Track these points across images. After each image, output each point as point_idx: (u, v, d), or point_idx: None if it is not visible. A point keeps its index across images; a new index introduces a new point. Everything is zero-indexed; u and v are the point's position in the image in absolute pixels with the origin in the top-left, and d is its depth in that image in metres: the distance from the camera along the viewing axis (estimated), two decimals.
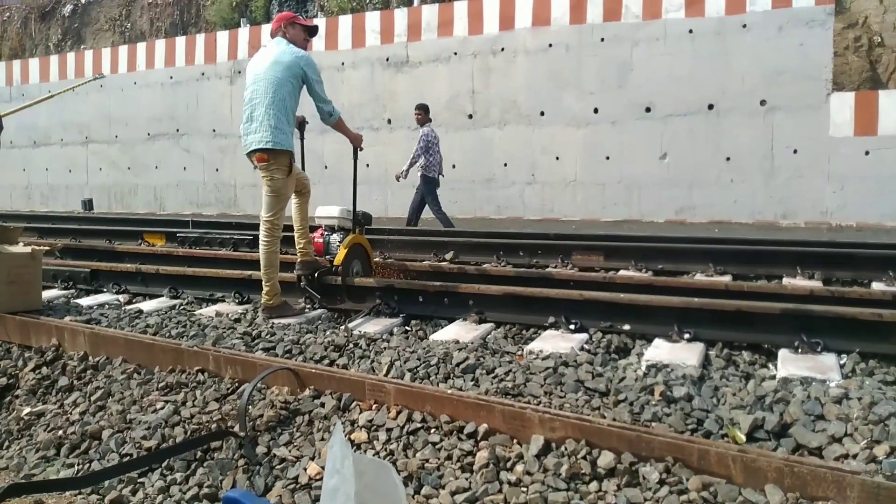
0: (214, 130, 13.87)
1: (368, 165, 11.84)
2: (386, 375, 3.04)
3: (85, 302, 4.99)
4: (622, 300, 3.95)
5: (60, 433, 2.95)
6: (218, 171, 13.94)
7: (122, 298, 5.32)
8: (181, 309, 4.81)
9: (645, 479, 2.10)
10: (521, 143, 11.08)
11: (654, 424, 2.46)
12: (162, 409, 2.93)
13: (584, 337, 3.79)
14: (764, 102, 9.58)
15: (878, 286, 4.86)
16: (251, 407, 2.79)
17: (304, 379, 2.91)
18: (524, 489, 2.14)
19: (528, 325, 4.15)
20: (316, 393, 2.85)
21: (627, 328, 3.87)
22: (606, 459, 2.18)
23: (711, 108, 9.86)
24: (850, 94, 9.42)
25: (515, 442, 2.36)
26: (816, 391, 2.73)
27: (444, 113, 11.58)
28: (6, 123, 8.06)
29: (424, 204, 9.05)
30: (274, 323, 4.15)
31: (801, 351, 3.37)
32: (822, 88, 9.34)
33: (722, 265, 5.49)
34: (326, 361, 3.29)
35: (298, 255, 4.77)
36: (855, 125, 9.21)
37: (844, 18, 9.98)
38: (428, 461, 2.34)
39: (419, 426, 2.51)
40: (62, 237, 8.46)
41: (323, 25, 12.46)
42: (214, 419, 2.78)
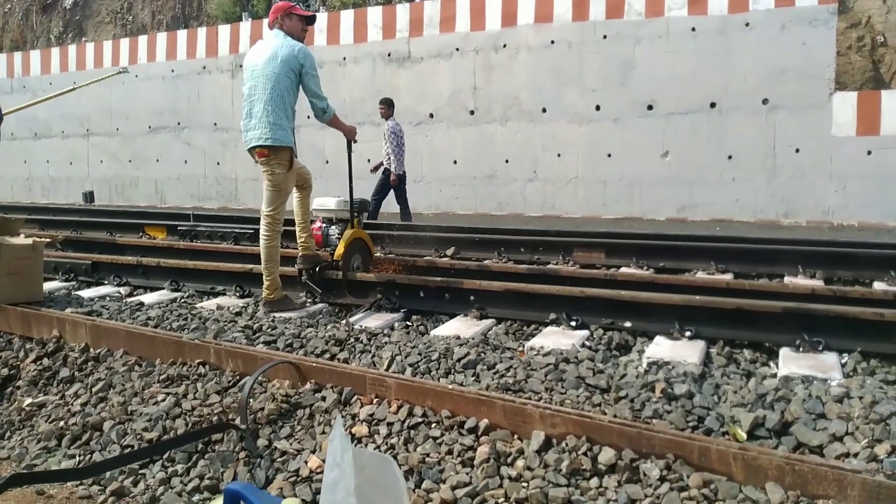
0: (215, 124, 13.85)
1: (369, 160, 11.83)
2: (387, 370, 3.05)
3: (86, 294, 4.99)
4: (623, 297, 3.96)
5: (62, 424, 2.96)
6: (219, 164, 13.94)
7: (123, 291, 5.32)
8: (182, 302, 4.81)
9: (646, 475, 2.10)
10: (522, 139, 11.07)
11: (654, 421, 2.47)
12: (163, 401, 2.93)
13: (585, 334, 3.79)
14: (766, 101, 9.57)
15: (879, 286, 4.86)
16: (252, 400, 2.79)
17: (305, 372, 2.92)
18: (525, 484, 2.15)
19: (529, 321, 4.15)
20: (317, 387, 2.85)
21: (629, 325, 3.87)
22: (607, 456, 2.18)
23: (714, 106, 9.85)
24: (852, 93, 9.41)
25: (516, 437, 2.37)
26: (818, 390, 2.73)
27: (445, 109, 11.57)
28: (7, 117, 8.04)
29: (385, 195, 9.25)
30: (275, 317, 4.15)
31: (802, 350, 3.37)
32: (824, 88, 9.33)
33: (723, 263, 5.49)
34: (327, 355, 3.30)
35: (300, 249, 4.77)
36: (857, 125, 9.20)
37: (847, 18, 9.96)
38: (429, 455, 2.34)
39: (420, 421, 2.52)
40: (63, 229, 8.45)
41: (325, 20, 12.43)
42: (215, 412, 2.78)
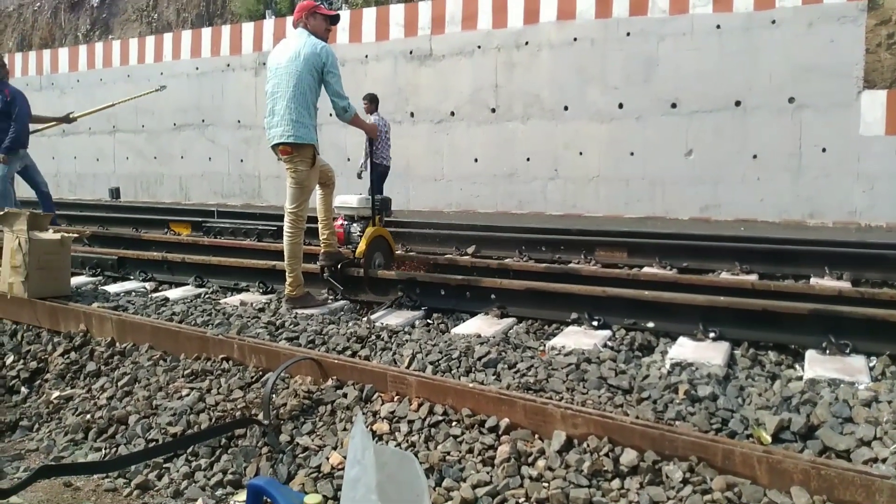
0: (239, 121, 13.97)
1: (390, 158, 11.87)
2: (408, 367, 3.05)
3: (112, 289, 5.06)
4: (646, 297, 3.93)
5: (88, 417, 3.00)
6: (242, 161, 14.06)
7: (148, 286, 5.39)
8: (206, 297, 4.86)
9: (668, 477, 2.09)
10: (543, 137, 11.02)
11: (677, 423, 2.45)
12: (187, 395, 2.97)
13: (607, 334, 3.77)
14: (792, 100, 9.43)
15: None
16: (275, 395, 2.81)
17: (326, 369, 2.93)
18: (545, 484, 2.14)
19: (550, 320, 4.14)
20: (338, 383, 2.86)
21: (651, 326, 3.84)
22: (629, 457, 2.16)
23: (738, 104, 9.73)
24: (881, 92, 9.23)
25: (537, 437, 2.36)
26: (844, 393, 2.69)
27: (466, 107, 11.55)
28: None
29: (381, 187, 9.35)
30: (297, 313, 4.18)
31: (828, 352, 3.33)
32: (852, 86, 9.17)
33: (748, 264, 5.43)
34: (349, 352, 3.31)
35: (322, 246, 4.80)
36: (886, 124, 9.03)
37: (877, 14, 9.78)
38: (449, 454, 2.35)
39: (441, 419, 2.52)
40: (90, 225, 8.59)
41: (347, 18, 12.48)
42: (239, 407, 2.81)
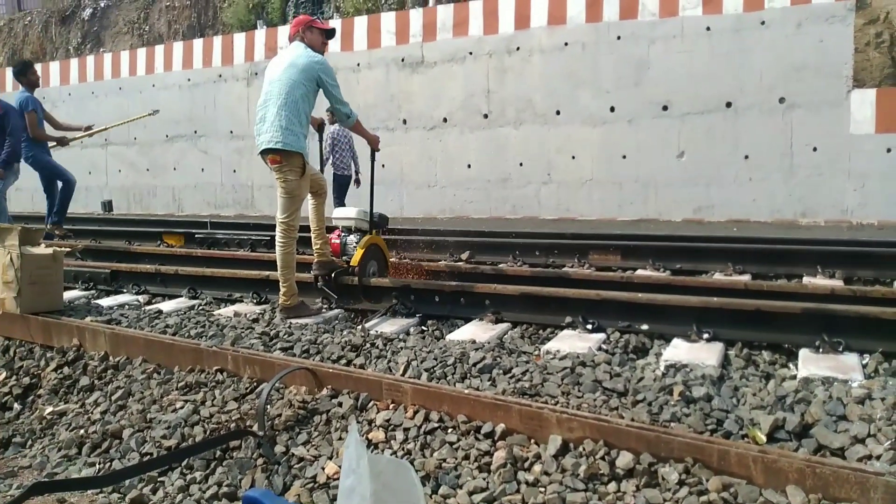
0: (232, 132, 13.97)
1: (384, 166, 11.86)
2: (403, 375, 3.05)
3: (105, 302, 5.04)
4: (640, 300, 3.93)
5: (82, 432, 2.99)
6: (235, 172, 14.04)
7: (141, 299, 5.37)
8: (200, 309, 4.85)
9: (664, 479, 2.08)
10: (536, 142, 11.04)
11: (673, 425, 2.44)
12: (181, 408, 2.95)
13: (601, 337, 3.77)
14: (783, 100, 9.48)
15: None
16: (269, 406, 2.80)
17: (321, 379, 2.93)
18: (542, 489, 2.14)
19: (544, 324, 4.14)
20: (333, 392, 2.86)
21: (645, 328, 3.85)
22: (625, 460, 2.16)
23: (729, 105, 9.77)
24: (871, 90, 9.28)
25: (533, 442, 2.36)
26: (838, 391, 2.69)
27: (459, 113, 11.57)
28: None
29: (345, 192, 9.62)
30: (291, 323, 4.17)
31: (822, 351, 3.33)
32: (842, 85, 9.22)
33: (741, 264, 5.45)
34: (344, 361, 3.31)
35: (315, 255, 4.80)
36: (876, 122, 9.07)
37: (865, 14, 9.84)
38: (445, 461, 2.34)
39: (436, 426, 2.52)
40: (82, 238, 8.56)
41: (338, 26, 12.49)
42: (233, 418, 2.80)
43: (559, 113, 10.86)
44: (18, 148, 7.53)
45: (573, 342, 3.64)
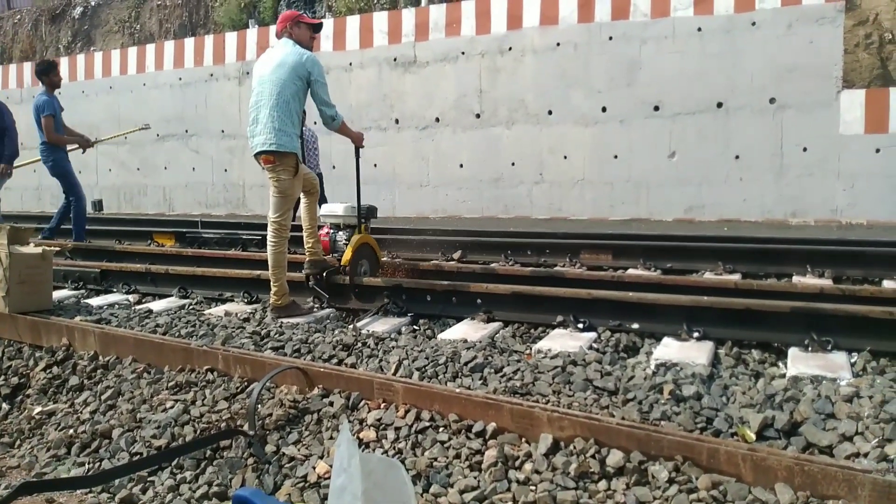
0: (223, 131, 13.91)
1: (376, 165, 11.86)
2: (394, 374, 3.05)
3: (95, 302, 5.02)
4: (631, 299, 3.94)
5: (71, 432, 2.97)
6: (227, 171, 13.99)
7: (131, 298, 5.34)
8: (190, 309, 4.83)
9: (654, 477, 2.09)
10: (528, 142, 11.05)
11: (663, 423, 2.46)
12: (172, 408, 2.94)
13: (592, 336, 3.78)
14: (773, 100, 9.52)
15: (889, 284, 4.82)
16: (260, 406, 2.80)
17: (312, 378, 2.92)
18: (533, 488, 2.14)
19: (536, 324, 4.14)
20: (325, 392, 2.85)
21: (636, 327, 3.86)
22: (615, 458, 2.17)
23: (720, 106, 9.81)
24: (860, 91, 9.34)
25: (524, 441, 2.36)
26: (827, 390, 2.71)
27: (451, 112, 11.57)
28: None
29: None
30: (283, 322, 4.16)
31: (811, 349, 3.35)
32: (832, 86, 9.28)
33: (731, 264, 5.47)
34: (335, 360, 3.30)
35: (307, 254, 4.78)
36: (865, 123, 9.13)
37: (855, 15, 9.91)
38: (436, 460, 2.34)
39: (428, 425, 2.52)
40: (72, 237, 8.49)
41: (331, 26, 12.47)
42: (224, 418, 2.79)
43: (551, 113, 10.88)
44: (15, 148, 7.46)
45: (564, 341, 3.64)
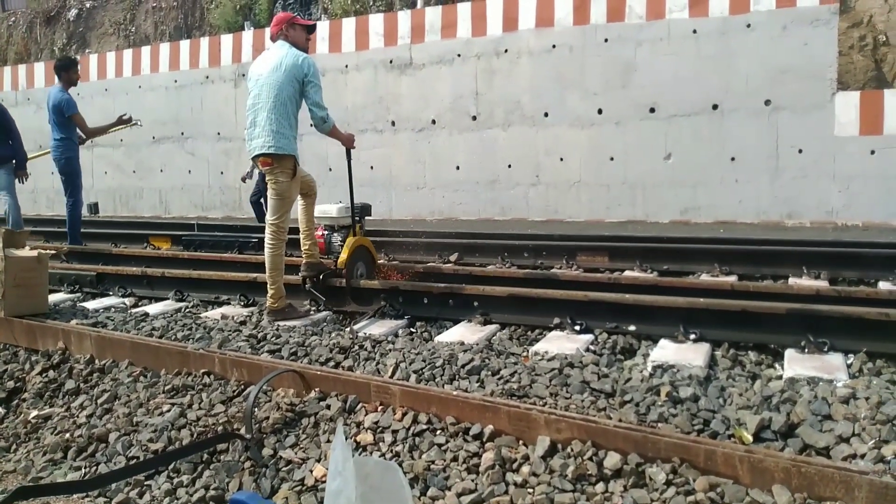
0: (219, 133, 13.89)
1: (372, 168, 11.86)
2: (391, 377, 3.04)
3: (91, 305, 5.00)
4: (627, 301, 3.95)
5: (67, 436, 2.96)
6: (223, 174, 13.96)
7: (128, 301, 5.33)
8: (187, 312, 4.82)
9: (651, 479, 2.09)
10: (525, 144, 11.06)
11: (660, 425, 2.46)
12: (168, 411, 2.93)
13: (589, 338, 3.78)
14: (768, 102, 9.55)
15: (884, 285, 4.84)
16: (257, 409, 2.79)
17: (309, 381, 2.92)
18: (530, 490, 2.14)
19: (533, 326, 4.14)
20: (321, 395, 2.85)
21: (633, 329, 3.86)
22: (613, 460, 2.17)
23: (716, 108, 9.83)
24: (855, 93, 9.38)
25: (521, 443, 2.36)
26: (823, 391, 2.72)
27: (447, 115, 11.58)
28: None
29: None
30: (279, 325, 4.15)
31: (807, 351, 3.36)
32: (826, 88, 9.31)
33: (727, 265, 5.48)
34: (332, 363, 3.30)
35: (304, 257, 4.78)
36: (860, 124, 9.16)
37: (849, 17, 9.95)
38: (434, 463, 2.34)
39: (425, 428, 2.52)
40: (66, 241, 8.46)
41: (326, 28, 12.47)
42: (221, 421, 2.78)
43: (547, 115, 10.90)
44: (24, 152, 7.40)
45: (561, 343, 3.65)
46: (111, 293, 5.59)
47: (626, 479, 2.12)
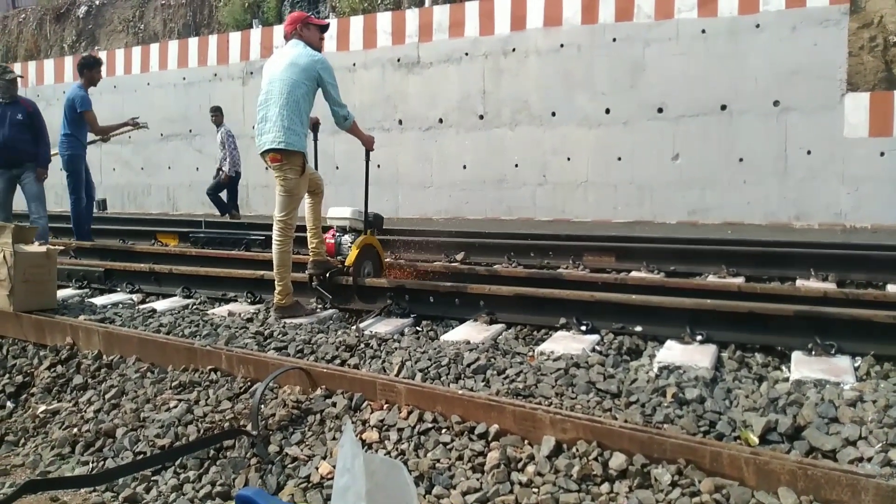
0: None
1: (379, 166, 11.86)
2: (397, 375, 3.05)
3: (99, 301, 5.03)
4: (634, 301, 3.94)
5: (75, 431, 2.98)
6: None
7: (135, 298, 5.36)
8: (194, 308, 4.84)
9: (657, 480, 2.09)
10: (532, 143, 11.05)
11: (666, 426, 2.46)
12: (175, 407, 2.95)
13: (595, 338, 3.78)
14: (777, 103, 9.51)
15: (893, 288, 4.81)
16: (263, 406, 2.80)
17: (315, 378, 2.93)
18: (535, 490, 2.14)
19: (539, 326, 4.14)
20: (327, 392, 2.86)
21: (639, 330, 3.86)
22: (618, 461, 2.17)
23: (724, 108, 9.80)
24: (864, 94, 9.33)
25: (526, 443, 2.36)
26: (830, 394, 2.71)
27: (454, 114, 11.58)
28: None
29: (222, 189, 11.55)
30: (286, 322, 4.17)
31: (814, 353, 3.35)
32: (836, 89, 9.26)
33: (735, 267, 5.46)
34: (338, 361, 3.31)
35: (311, 254, 4.79)
36: (870, 126, 9.11)
37: (859, 18, 9.89)
38: (439, 461, 2.35)
39: (430, 426, 2.52)
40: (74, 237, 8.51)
41: (335, 26, 12.48)
42: (227, 418, 2.79)
43: (555, 114, 10.88)
44: (49, 151, 7.41)
45: (567, 343, 3.64)
46: (119, 289, 5.62)
47: (631, 479, 2.12)
